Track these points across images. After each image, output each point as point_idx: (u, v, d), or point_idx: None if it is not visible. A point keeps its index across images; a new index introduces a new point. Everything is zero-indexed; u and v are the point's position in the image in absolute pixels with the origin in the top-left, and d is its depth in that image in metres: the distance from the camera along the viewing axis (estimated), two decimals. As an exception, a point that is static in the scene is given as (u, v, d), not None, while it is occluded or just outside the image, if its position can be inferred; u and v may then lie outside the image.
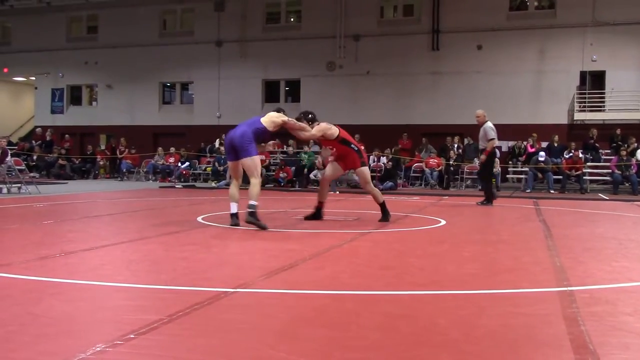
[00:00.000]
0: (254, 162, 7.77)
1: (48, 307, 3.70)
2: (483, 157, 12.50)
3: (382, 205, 8.97)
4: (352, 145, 8.73)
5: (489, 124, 12.49)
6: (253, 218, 7.61)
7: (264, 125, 7.93)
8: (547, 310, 3.75)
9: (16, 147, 24.47)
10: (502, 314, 3.65)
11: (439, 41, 23.84)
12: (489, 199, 12.61)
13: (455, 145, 20.66)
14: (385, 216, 8.95)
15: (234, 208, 8.00)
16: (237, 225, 7.88)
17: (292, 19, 27.02)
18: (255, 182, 7.76)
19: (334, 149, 9.00)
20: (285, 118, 8.19)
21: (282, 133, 9.78)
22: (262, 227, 7.55)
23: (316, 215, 8.97)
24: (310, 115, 8.72)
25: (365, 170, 8.89)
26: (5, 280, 4.48)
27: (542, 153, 18.91)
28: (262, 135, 8.03)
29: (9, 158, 15.38)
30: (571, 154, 18.84)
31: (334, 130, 8.64)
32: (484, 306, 3.88)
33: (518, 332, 3.26)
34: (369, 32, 24.72)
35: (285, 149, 22.19)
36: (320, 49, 25.12)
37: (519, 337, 3.17)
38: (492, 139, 12.38)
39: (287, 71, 26.02)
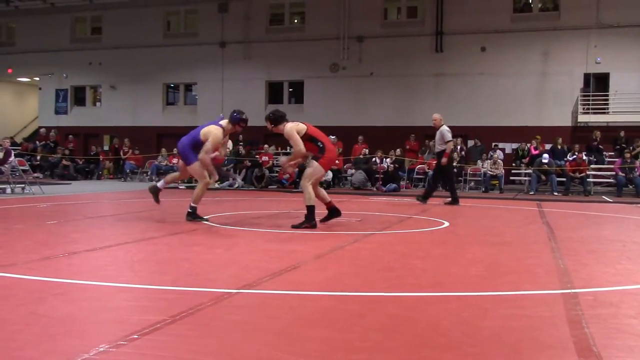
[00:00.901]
0: (193, 169, 8.58)
1: (52, 307, 3.70)
2: (444, 160, 12.94)
3: (309, 209, 8.06)
4: (319, 143, 8.24)
5: (445, 127, 13.04)
6: (190, 217, 8.55)
7: (200, 138, 8.57)
8: (550, 313, 3.74)
9: (20, 148, 24.51)
10: (506, 316, 3.64)
11: (443, 43, 23.83)
12: (455, 199, 12.97)
13: (459, 147, 20.61)
14: (307, 220, 8.03)
15: (160, 183, 9.07)
16: (152, 193, 8.96)
17: (295, 21, 27.03)
18: (201, 185, 8.59)
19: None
20: (209, 145, 8.40)
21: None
22: (203, 220, 8.52)
23: (332, 214, 8.58)
24: (277, 118, 8.34)
25: (314, 165, 8.17)
26: (9, 280, 4.50)
27: (545, 155, 18.87)
28: (200, 145, 8.54)
29: (12, 158, 15.41)
30: (575, 156, 18.81)
31: (301, 128, 8.22)
32: (487, 308, 3.88)
33: (521, 334, 3.26)
34: (373, 33, 24.72)
35: (288, 151, 22.20)
36: (323, 51, 25.12)
37: (523, 339, 3.17)
38: (450, 140, 12.95)
39: (291, 72, 26.03)
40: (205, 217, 8.80)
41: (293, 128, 8.17)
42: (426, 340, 3.15)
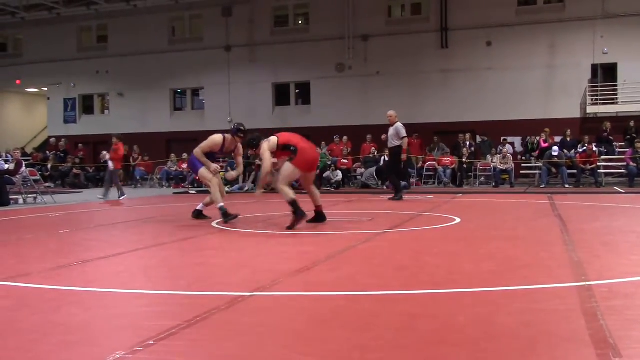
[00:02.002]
0: (201, 175, 9.26)
1: (67, 315, 3.73)
2: (404, 156, 13.42)
3: (292, 204, 7.97)
4: (291, 147, 8.24)
5: (400, 124, 13.40)
6: (226, 219, 8.81)
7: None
8: (565, 306, 3.72)
9: (30, 158, 24.65)
10: (521, 311, 3.63)
11: (448, 39, 23.77)
12: (398, 193, 13.35)
13: (467, 143, 20.56)
14: (296, 214, 7.95)
15: (200, 206, 9.60)
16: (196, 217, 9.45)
17: (300, 22, 27.04)
18: (213, 186, 9.04)
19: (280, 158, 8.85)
20: (203, 144, 9.15)
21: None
22: (235, 217, 8.90)
23: (317, 218, 8.60)
24: (254, 142, 8.51)
25: (288, 167, 8.18)
26: (24, 290, 4.52)
27: (555, 148, 18.78)
28: (206, 154, 9.22)
29: (23, 169, 15.50)
30: (585, 148, 18.70)
31: (272, 142, 8.27)
32: (502, 303, 3.86)
33: (537, 328, 3.25)
34: (378, 32, 24.69)
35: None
36: (329, 51, 25.12)
37: (538, 334, 3.15)
38: (405, 137, 13.36)
39: (297, 74, 26.03)
40: (235, 214, 9.03)
41: (266, 147, 8.24)
42: (442, 338, 3.14)
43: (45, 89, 30.53)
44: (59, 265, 5.54)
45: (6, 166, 14.95)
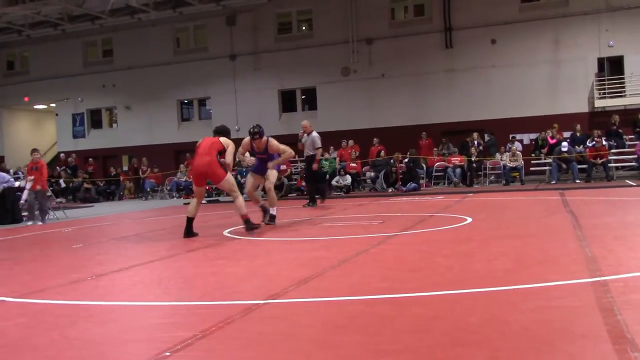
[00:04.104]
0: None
1: (83, 330, 3.74)
2: (315, 165, 13.64)
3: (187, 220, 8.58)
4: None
5: (315, 134, 13.60)
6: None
7: None
8: (581, 302, 3.70)
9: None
10: (536, 309, 3.61)
11: (452, 38, 23.73)
12: (313, 200, 13.72)
13: (476, 142, 20.48)
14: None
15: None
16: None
17: (303, 28, 27.08)
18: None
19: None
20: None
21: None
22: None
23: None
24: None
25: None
26: (39, 306, 4.55)
27: (564, 143, 18.68)
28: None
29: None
30: (594, 142, 18.61)
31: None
32: (516, 302, 3.85)
33: (553, 325, 3.23)
34: (381, 34, 24.69)
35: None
36: (333, 55, 25.14)
37: (554, 331, 3.14)
38: (320, 147, 13.70)
39: (302, 79, 26.07)
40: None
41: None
42: (457, 339, 3.13)
43: (53, 105, 30.72)
44: (73, 280, 5.56)
45: (17, 183, 15.04)
